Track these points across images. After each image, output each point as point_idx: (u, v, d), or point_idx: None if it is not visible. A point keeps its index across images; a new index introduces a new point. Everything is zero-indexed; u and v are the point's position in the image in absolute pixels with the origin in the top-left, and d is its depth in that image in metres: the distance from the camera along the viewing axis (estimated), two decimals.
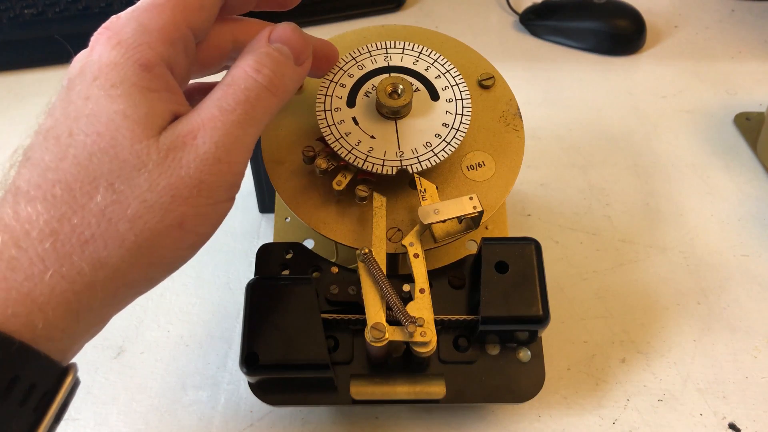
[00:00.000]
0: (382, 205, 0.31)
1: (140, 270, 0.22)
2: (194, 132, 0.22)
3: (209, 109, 0.23)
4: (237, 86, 0.24)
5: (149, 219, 0.22)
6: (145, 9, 0.23)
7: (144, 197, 0.21)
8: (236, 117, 0.23)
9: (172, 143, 0.22)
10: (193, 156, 0.22)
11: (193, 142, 0.22)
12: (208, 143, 0.22)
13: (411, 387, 0.31)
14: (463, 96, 0.32)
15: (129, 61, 0.22)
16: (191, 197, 0.22)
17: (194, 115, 0.23)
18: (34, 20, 0.56)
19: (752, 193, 0.47)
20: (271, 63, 0.25)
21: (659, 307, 0.40)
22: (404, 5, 0.63)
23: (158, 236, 0.22)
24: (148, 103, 0.22)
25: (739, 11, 0.63)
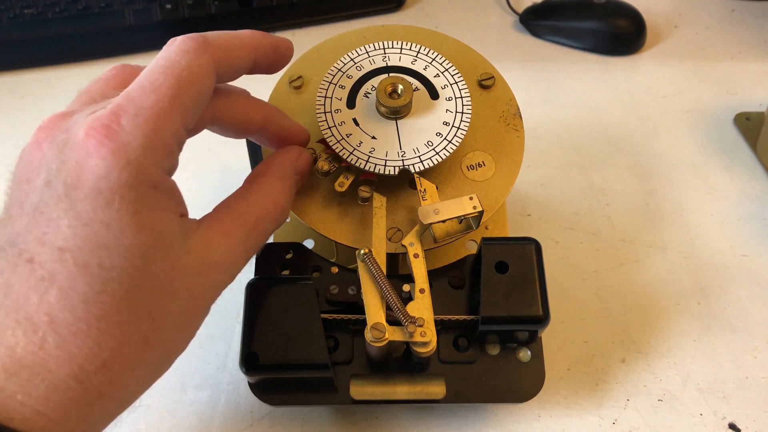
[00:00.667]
0: (382, 205, 0.31)
1: (158, 375, 0.25)
2: (218, 266, 0.25)
3: (227, 246, 0.25)
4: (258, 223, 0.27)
5: (178, 339, 0.24)
6: (149, 119, 0.22)
7: (175, 322, 0.23)
8: (246, 247, 0.26)
9: (199, 272, 0.24)
10: (211, 285, 0.25)
11: (214, 275, 0.25)
12: (228, 277, 0.26)
13: (411, 387, 0.31)
14: (463, 94, 0.32)
15: (142, 185, 0.22)
16: (202, 314, 0.25)
17: (217, 243, 0.25)
18: (34, 20, 0.56)
19: (752, 193, 0.47)
20: (292, 196, 0.29)
21: (659, 307, 0.40)
22: (404, 5, 0.63)
23: (179, 352, 0.25)
24: (168, 224, 0.23)
25: (739, 11, 0.63)
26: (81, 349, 0.21)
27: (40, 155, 0.22)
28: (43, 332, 0.20)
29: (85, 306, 0.21)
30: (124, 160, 0.21)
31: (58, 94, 0.55)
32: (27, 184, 0.22)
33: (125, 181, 0.21)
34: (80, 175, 0.21)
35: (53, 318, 0.20)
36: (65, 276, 0.21)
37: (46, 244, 0.21)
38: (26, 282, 0.21)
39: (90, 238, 0.21)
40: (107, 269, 0.21)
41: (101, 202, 0.21)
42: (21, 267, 0.21)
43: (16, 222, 0.22)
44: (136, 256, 0.22)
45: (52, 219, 0.21)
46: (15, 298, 0.21)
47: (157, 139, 0.22)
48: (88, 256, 0.21)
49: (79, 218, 0.21)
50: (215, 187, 0.47)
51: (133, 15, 0.57)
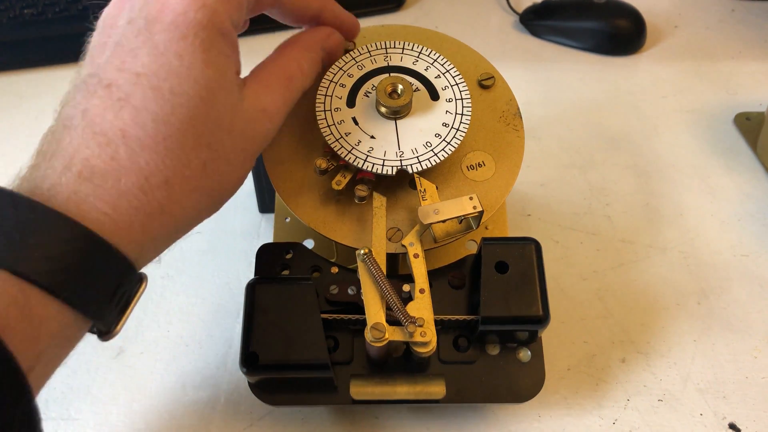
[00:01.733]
0: (382, 205, 0.31)
1: (211, 208, 0.27)
2: (266, 112, 0.27)
3: (270, 97, 0.27)
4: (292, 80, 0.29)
5: (231, 174, 0.26)
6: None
7: (228, 157, 0.25)
8: (284, 100, 0.28)
9: (251, 117, 0.26)
10: (262, 130, 0.27)
11: (264, 121, 0.27)
12: (274, 126, 0.28)
13: (411, 387, 0.31)
14: (463, 96, 0.32)
15: (213, 28, 0.24)
16: (252, 159, 0.27)
17: (263, 94, 0.27)
18: (34, 20, 0.56)
19: (752, 193, 0.47)
20: (316, 67, 0.31)
21: (659, 307, 0.40)
22: (404, 5, 0.63)
23: (230, 190, 0.27)
24: (230, 69, 0.25)
25: (739, 11, 0.63)
26: (148, 163, 0.23)
27: (123, 3, 0.25)
28: (116, 145, 0.22)
29: (155, 125, 0.23)
30: (201, 2, 0.23)
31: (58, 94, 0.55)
32: (110, 28, 0.24)
33: (200, 20, 0.23)
34: (161, 11, 0.23)
35: (126, 133, 0.22)
36: (140, 97, 0.23)
37: (124, 70, 0.23)
38: (103, 103, 0.23)
39: (164, 65, 0.23)
40: (177, 95, 0.23)
41: (177, 35, 0.23)
42: (100, 92, 0.23)
43: (96, 59, 0.24)
44: (204, 88, 0.24)
45: (132, 49, 0.23)
46: (92, 117, 0.23)
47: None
48: (161, 81, 0.23)
49: (156, 48, 0.23)
50: None
51: None
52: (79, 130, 0.23)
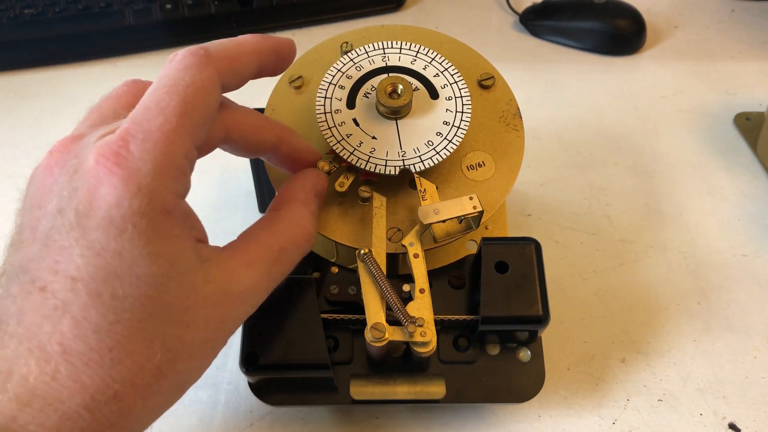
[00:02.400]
0: (382, 205, 0.31)
1: (169, 405, 0.25)
2: (241, 296, 0.24)
3: (249, 277, 0.24)
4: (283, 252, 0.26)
5: (193, 369, 0.24)
6: (158, 141, 0.21)
7: (191, 352, 0.23)
8: (269, 278, 0.26)
9: (218, 302, 0.23)
10: (231, 316, 0.24)
11: (235, 306, 0.24)
12: (249, 309, 0.25)
13: (411, 387, 0.31)
14: (463, 93, 0.32)
15: (154, 211, 0.21)
16: (221, 344, 0.25)
17: (240, 273, 0.24)
18: (34, 20, 0.56)
19: (752, 193, 0.47)
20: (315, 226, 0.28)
21: (659, 307, 0.40)
22: (404, 5, 0.63)
23: (193, 381, 0.25)
24: (183, 252, 0.22)
25: (739, 11, 0.63)
26: (93, 379, 0.20)
27: (52, 180, 0.22)
28: (56, 362, 0.20)
29: (98, 336, 0.21)
30: (135, 187, 0.21)
31: (58, 94, 0.55)
32: (39, 209, 0.22)
33: (137, 209, 0.21)
34: (92, 204, 0.21)
35: (66, 348, 0.20)
36: (78, 306, 0.20)
37: (58, 273, 0.21)
38: (39, 310, 0.20)
39: (102, 267, 0.21)
40: (120, 299, 0.21)
41: (113, 231, 0.21)
42: (34, 295, 0.21)
43: (28, 247, 0.21)
44: (150, 286, 0.21)
45: (65, 248, 0.21)
46: (28, 326, 0.20)
47: (167, 162, 0.22)
48: (101, 286, 0.21)
49: (92, 248, 0.21)
50: (215, 187, 0.47)
51: (133, 15, 0.57)
52: (15, 340, 0.20)
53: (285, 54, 0.28)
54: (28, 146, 0.51)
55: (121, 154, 0.21)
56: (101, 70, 0.57)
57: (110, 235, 0.21)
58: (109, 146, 0.21)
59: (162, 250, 0.21)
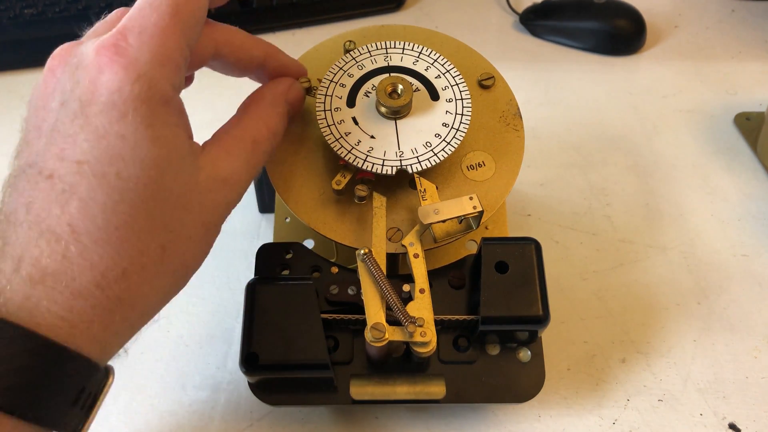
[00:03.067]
0: (382, 205, 0.31)
1: (176, 288, 0.26)
2: (227, 182, 0.26)
3: (231, 164, 0.26)
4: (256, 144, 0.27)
5: (193, 251, 0.25)
6: (154, 35, 0.23)
7: (189, 234, 0.24)
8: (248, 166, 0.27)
9: (209, 188, 0.25)
10: (222, 201, 0.26)
11: (224, 191, 0.26)
12: (236, 195, 0.26)
13: (411, 387, 0.31)
14: (463, 96, 0.32)
15: (154, 99, 0.22)
16: (215, 230, 0.26)
17: (223, 161, 0.26)
18: (34, 20, 0.56)
19: (752, 193, 0.47)
20: (284, 122, 0.29)
21: (659, 307, 0.40)
22: (404, 5, 0.63)
23: (194, 266, 0.26)
24: (179, 139, 0.24)
25: (739, 11, 0.63)
26: (102, 257, 0.21)
27: (54, 81, 0.23)
28: (66, 241, 0.21)
29: (105, 215, 0.21)
30: (135, 74, 0.22)
31: None
32: (43, 110, 0.23)
33: (138, 94, 0.22)
34: (94, 91, 0.22)
35: (75, 227, 0.21)
36: (85, 187, 0.21)
37: (64, 159, 0.21)
38: (47, 196, 0.21)
39: (107, 149, 0.21)
40: (124, 179, 0.22)
41: (116, 115, 0.22)
42: (41, 183, 0.21)
43: (33, 145, 0.22)
44: (152, 168, 0.22)
45: (69, 135, 0.22)
46: (37, 212, 0.21)
47: (164, 54, 0.23)
48: (105, 167, 0.21)
49: (96, 132, 0.21)
50: None
51: None
52: (25, 226, 0.21)
53: None
54: None
55: (120, 44, 0.22)
56: None
57: (113, 118, 0.22)
58: (108, 39, 0.22)
59: (162, 135, 0.23)
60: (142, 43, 0.22)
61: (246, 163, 0.27)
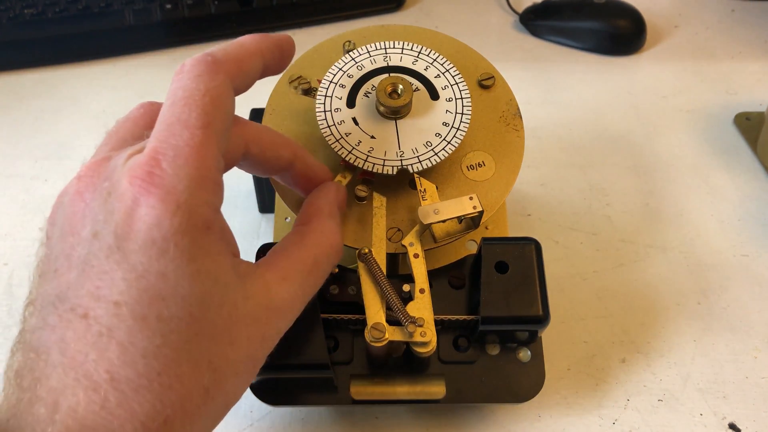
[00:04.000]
0: (382, 205, 0.31)
1: (215, 426, 0.24)
2: (279, 311, 0.24)
3: (286, 291, 0.25)
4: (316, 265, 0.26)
5: (237, 388, 0.23)
6: (189, 156, 0.21)
7: (235, 371, 0.23)
8: (304, 291, 0.26)
9: (258, 318, 0.23)
10: (272, 332, 0.24)
11: (275, 321, 0.24)
12: (287, 323, 0.25)
13: (411, 387, 0.31)
14: (463, 95, 0.32)
15: (196, 227, 0.21)
16: (262, 360, 0.24)
17: (277, 288, 0.24)
18: (34, 20, 0.56)
19: (752, 193, 0.47)
20: (341, 234, 0.28)
21: (659, 307, 0.40)
22: (404, 5, 0.63)
23: (236, 401, 0.24)
24: (222, 270, 0.22)
25: (739, 11, 0.63)
26: (143, 405, 0.20)
27: (83, 206, 0.22)
28: (105, 391, 0.20)
29: (146, 360, 0.20)
30: (174, 205, 0.20)
31: (58, 94, 0.55)
32: (72, 236, 0.21)
33: (178, 227, 0.20)
34: (131, 225, 0.20)
35: (114, 375, 0.20)
36: (124, 331, 0.20)
37: (100, 298, 0.20)
38: (83, 338, 0.20)
39: (147, 290, 0.20)
40: (166, 321, 0.20)
41: (156, 252, 0.20)
42: (75, 323, 0.20)
43: (63, 276, 0.21)
44: (194, 305, 0.21)
45: (105, 272, 0.20)
46: (72, 355, 0.20)
47: (201, 177, 0.21)
48: (145, 309, 0.20)
49: (134, 270, 0.20)
50: None
51: (133, 15, 0.57)
52: (59, 370, 0.20)
53: (287, 50, 0.28)
54: (28, 146, 0.51)
55: (154, 173, 0.20)
56: (101, 70, 0.57)
57: (152, 256, 0.20)
58: (141, 167, 0.21)
59: (204, 267, 0.21)
60: (178, 167, 0.21)
61: (302, 288, 0.25)
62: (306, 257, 0.26)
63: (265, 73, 0.27)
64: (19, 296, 0.41)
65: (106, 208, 0.21)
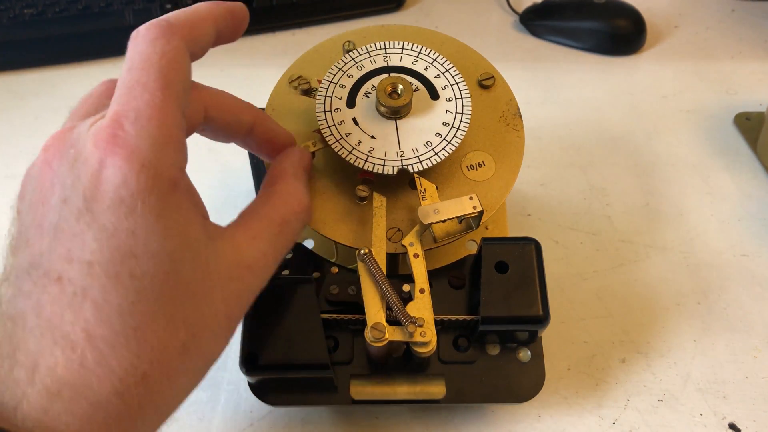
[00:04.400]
0: (382, 205, 0.31)
1: (195, 384, 0.24)
2: (251, 268, 0.24)
3: (256, 249, 0.25)
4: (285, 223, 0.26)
5: (215, 345, 0.24)
6: (151, 116, 0.21)
7: (211, 327, 0.23)
8: (275, 249, 0.26)
9: (231, 276, 0.24)
10: (245, 289, 0.24)
11: (248, 279, 0.24)
12: (260, 280, 0.25)
13: (411, 387, 0.31)
14: (463, 95, 0.32)
15: (162, 185, 0.21)
16: (238, 319, 0.25)
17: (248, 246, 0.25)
18: (34, 20, 0.56)
19: (752, 193, 0.47)
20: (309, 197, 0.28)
21: (659, 307, 0.40)
22: (404, 5, 0.63)
23: (215, 358, 0.24)
24: (192, 225, 0.22)
25: (739, 11, 0.63)
26: (120, 362, 0.20)
27: (51, 174, 0.22)
28: (82, 349, 0.20)
29: (121, 317, 0.20)
30: (138, 164, 0.21)
31: (58, 94, 0.55)
32: (42, 205, 0.21)
33: (144, 185, 0.21)
34: (98, 187, 0.21)
35: (90, 333, 0.20)
36: (97, 289, 0.20)
37: (73, 260, 0.20)
38: (58, 300, 0.20)
39: (118, 247, 0.20)
40: (138, 278, 0.21)
41: (124, 211, 0.20)
42: (50, 287, 0.20)
43: (35, 245, 0.21)
44: (166, 262, 0.21)
45: (76, 234, 0.20)
46: (48, 317, 0.20)
47: (164, 136, 0.21)
48: (118, 267, 0.20)
49: (104, 230, 0.20)
50: (215, 187, 0.47)
51: (133, 15, 0.57)
52: (36, 332, 0.20)
53: (240, 17, 0.27)
54: (27, 146, 0.51)
55: (118, 134, 0.21)
56: (101, 70, 0.57)
57: (121, 214, 0.20)
58: (105, 129, 0.21)
59: (173, 224, 0.21)
60: (140, 128, 0.21)
61: (273, 246, 0.26)
62: (274, 216, 0.26)
63: (219, 40, 0.27)
64: None
65: (74, 173, 0.21)
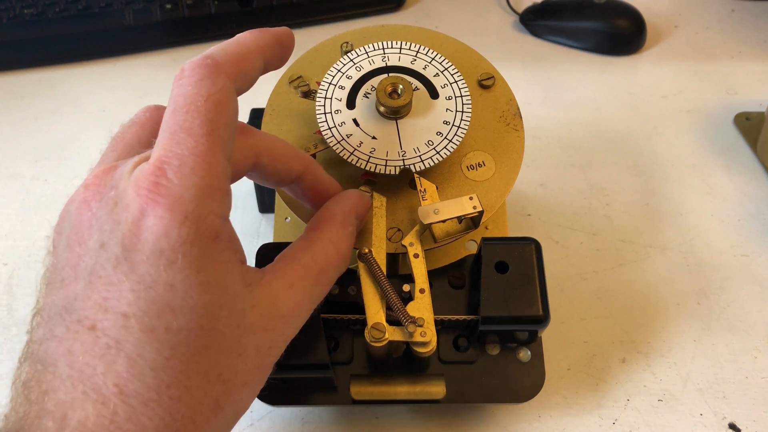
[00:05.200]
0: (382, 205, 0.31)
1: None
2: (285, 319, 0.24)
3: (292, 299, 0.24)
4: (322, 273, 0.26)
5: (246, 398, 0.23)
6: (195, 165, 0.20)
7: (244, 381, 0.23)
8: (311, 299, 0.25)
9: (265, 327, 0.23)
10: (279, 339, 0.24)
11: (282, 329, 0.24)
12: (293, 330, 0.25)
13: (411, 387, 0.31)
14: (463, 93, 0.32)
15: (204, 236, 0.20)
16: (269, 369, 0.24)
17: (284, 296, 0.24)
18: (34, 20, 0.56)
19: (752, 193, 0.47)
20: (353, 242, 0.28)
21: (659, 307, 0.40)
22: (404, 5, 0.63)
23: (245, 411, 0.24)
24: (230, 280, 0.22)
25: (739, 11, 0.63)
26: (153, 419, 0.20)
27: (90, 215, 0.21)
28: (114, 404, 0.19)
29: (155, 373, 0.20)
30: (181, 215, 0.20)
31: (58, 94, 0.55)
32: (79, 246, 0.21)
33: (186, 237, 0.20)
34: (138, 236, 0.20)
35: (122, 388, 0.19)
36: (132, 343, 0.20)
37: (108, 310, 0.20)
38: (90, 351, 0.20)
39: (155, 301, 0.20)
40: (174, 332, 0.20)
41: (164, 263, 0.20)
42: (83, 335, 0.20)
43: (70, 286, 0.21)
44: (203, 316, 0.21)
45: (113, 283, 0.20)
46: (80, 368, 0.20)
47: (208, 185, 0.21)
48: (154, 321, 0.20)
49: (142, 281, 0.20)
50: None
51: (133, 15, 0.57)
52: (67, 383, 0.19)
53: (287, 44, 0.27)
54: (28, 146, 0.51)
55: (161, 183, 0.20)
56: (101, 70, 0.57)
57: (160, 266, 0.20)
58: (147, 176, 0.20)
59: (213, 277, 0.21)
60: (184, 176, 0.20)
61: (309, 297, 0.25)
62: (312, 265, 0.25)
63: (267, 69, 0.26)
64: (19, 296, 0.41)
65: (113, 218, 0.21)
